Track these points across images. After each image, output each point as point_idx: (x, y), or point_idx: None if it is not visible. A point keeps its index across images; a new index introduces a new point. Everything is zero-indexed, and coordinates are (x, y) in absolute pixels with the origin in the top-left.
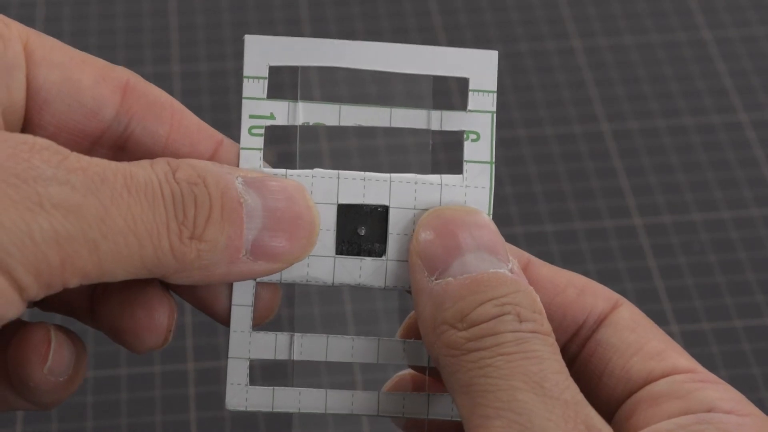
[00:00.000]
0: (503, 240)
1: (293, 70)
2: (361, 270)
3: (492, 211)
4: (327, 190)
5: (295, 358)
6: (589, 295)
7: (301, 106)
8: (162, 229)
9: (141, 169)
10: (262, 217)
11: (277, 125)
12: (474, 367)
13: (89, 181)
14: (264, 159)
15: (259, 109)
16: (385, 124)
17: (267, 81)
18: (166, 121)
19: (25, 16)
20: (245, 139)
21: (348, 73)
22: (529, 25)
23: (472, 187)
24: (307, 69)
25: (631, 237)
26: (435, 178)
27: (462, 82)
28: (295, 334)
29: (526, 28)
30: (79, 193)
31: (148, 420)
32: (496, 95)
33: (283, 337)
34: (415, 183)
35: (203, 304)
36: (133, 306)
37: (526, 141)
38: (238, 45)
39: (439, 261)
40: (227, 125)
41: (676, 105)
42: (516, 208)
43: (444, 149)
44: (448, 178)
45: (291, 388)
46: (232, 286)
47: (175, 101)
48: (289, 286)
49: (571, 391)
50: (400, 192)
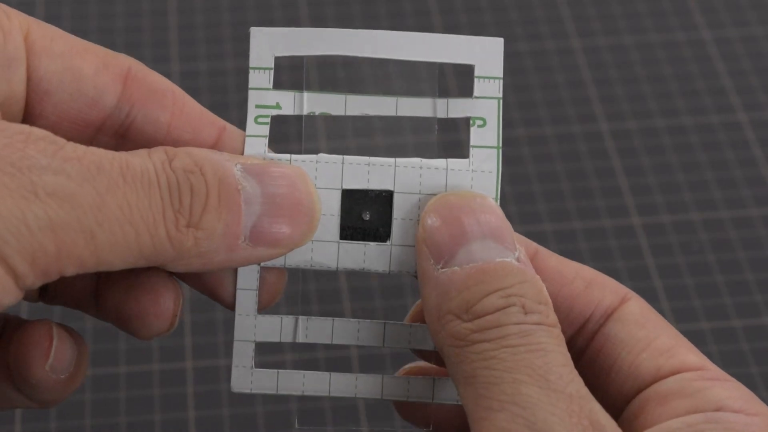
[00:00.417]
0: (510, 226)
1: (294, 63)
2: (365, 255)
3: (499, 196)
4: (331, 175)
5: (300, 341)
6: (597, 288)
7: (306, 96)
8: (158, 217)
9: (137, 158)
10: (261, 204)
11: (283, 115)
12: (478, 358)
13: (85, 170)
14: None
15: (265, 99)
16: (391, 113)
17: (273, 71)
18: (168, 107)
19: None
20: (251, 127)
21: (350, 62)
22: (528, 24)
23: (479, 172)
24: (310, 60)
25: (630, 236)
26: (441, 162)
27: (459, 66)
28: (300, 317)
29: (525, 28)
30: (75, 181)
31: (146, 418)
32: (502, 81)
33: (288, 320)
34: (420, 167)
35: (208, 289)
36: (138, 291)
37: (526, 140)
38: (237, 44)
39: (445, 249)
40: None
41: (676, 105)
42: (515, 207)
43: (446, 135)
44: (454, 162)
45: (295, 371)
46: (236, 270)
47: (177, 88)
48: (297, 270)
49: (576, 385)
50: (405, 176)
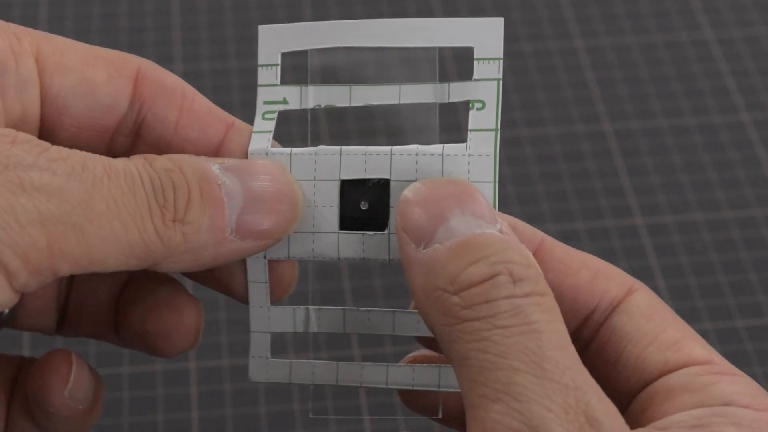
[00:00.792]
0: (490, 204)
1: (298, 58)
2: (364, 244)
3: (497, 179)
4: (330, 166)
5: (313, 331)
6: (603, 279)
7: (311, 89)
8: (144, 212)
9: (119, 161)
10: (242, 197)
11: (289, 109)
12: (471, 339)
13: (69, 168)
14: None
15: (272, 95)
16: (395, 101)
17: (279, 67)
18: (176, 105)
19: (28, 15)
20: (258, 123)
21: (351, 52)
22: (531, 25)
23: (476, 156)
24: (313, 53)
25: (633, 237)
26: (437, 148)
27: (458, 50)
28: (311, 308)
29: (528, 28)
30: (61, 178)
31: (149, 419)
32: (502, 62)
33: (300, 311)
34: (416, 155)
35: (222, 285)
36: (161, 309)
37: (529, 141)
38: (240, 44)
39: (425, 230)
40: None
41: (679, 105)
42: (518, 207)
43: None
44: (450, 147)
45: (306, 361)
46: (246, 264)
47: (187, 86)
48: (301, 271)
49: (572, 372)
50: (401, 164)
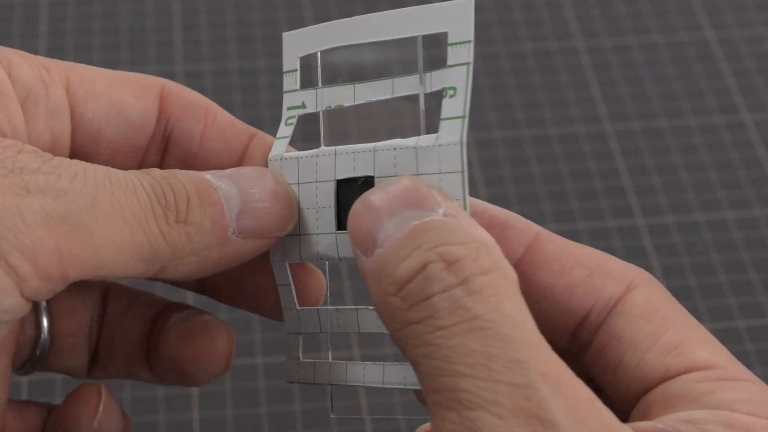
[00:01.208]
0: (432, 192)
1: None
2: None
3: (466, 168)
4: (327, 167)
5: (334, 331)
6: (599, 277)
7: (324, 91)
8: (148, 213)
9: (117, 170)
10: (239, 198)
11: (308, 113)
12: (417, 344)
13: (73, 173)
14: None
15: (294, 100)
16: (389, 95)
17: (298, 72)
18: (200, 119)
19: (29, 16)
20: (281, 129)
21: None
22: (532, 25)
23: (445, 146)
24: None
25: (634, 237)
26: (412, 141)
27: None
28: (330, 308)
29: (529, 28)
30: (65, 181)
31: (150, 419)
32: (473, 44)
33: (324, 312)
34: (395, 149)
35: (254, 304)
36: (193, 336)
37: (530, 141)
38: (241, 44)
39: (367, 238)
40: None
41: (680, 105)
42: (519, 208)
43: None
44: (424, 138)
45: (325, 361)
46: (273, 270)
47: (210, 102)
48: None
49: (522, 368)
50: (382, 160)
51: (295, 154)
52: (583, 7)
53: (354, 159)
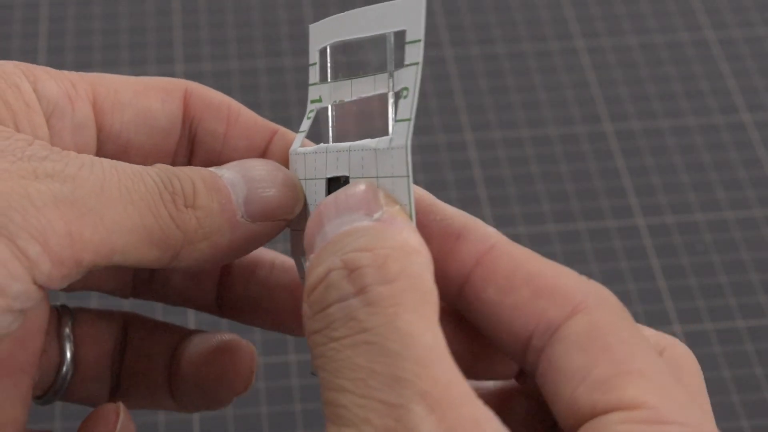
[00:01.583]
0: (378, 196)
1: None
2: None
3: (410, 173)
4: (321, 165)
5: None
6: (544, 298)
7: (332, 85)
8: (156, 198)
9: (124, 163)
10: (244, 184)
11: (323, 107)
12: (316, 355)
13: (80, 161)
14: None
15: (314, 93)
16: (371, 92)
17: (317, 66)
18: (223, 118)
19: (30, 16)
20: (303, 123)
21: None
22: (532, 25)
23: (396, 149)
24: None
25: (634, 237)
26: (373, 142)
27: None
28: None
29: (529, 29)
30: (73, 167)
31: (151, 419)
32: (422, 44)
33: None
34: (362, 150)
35: (273, 321)
36: (215, 354)
37: (530, 141)
38: (241, 45)
39: (309, 242)
40: None
41: (680, 105)
42: (519, 208)
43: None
44: (382, 141)
45: None
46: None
47: (232, 101)
48: None
49: (400, 386)
50: (354, 161)
51: (303, 150)
52: (583, 7)
53: (337, 158)
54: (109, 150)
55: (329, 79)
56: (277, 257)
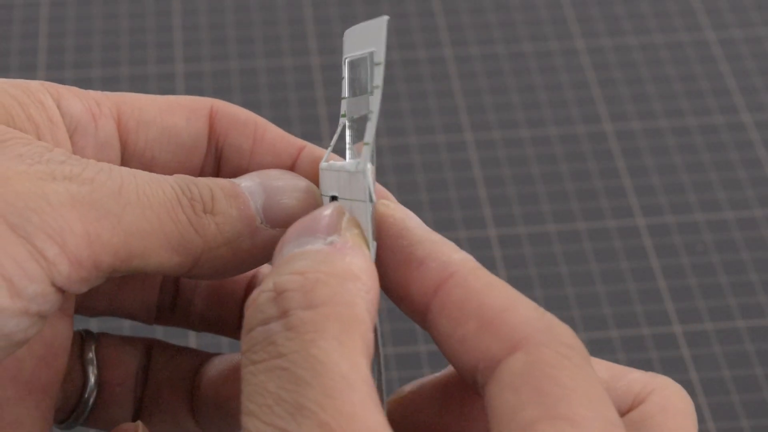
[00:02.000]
0: (342, 220)
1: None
2: None
3: (369, 198)
4: (327, 182)
5: None
6: (488, 333)
7: (350, 101)
8: (175, 204)
9: (142, 171)
10: (262, 191)
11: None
12: (240, 377)
13: (99, 168)
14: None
15: (342, 107)
16: (365, 112)
17: (346, 79)
18: (250, 135)
19: (30, 16)
20: (334, 139)
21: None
22: (532, 25)
23: (358, 173)
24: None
25: (634, 237)
26: (350, 164)
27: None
28: None
29: (529, 29)
30: (91, 171)
31: None
32: (383, 67)
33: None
34: (343, 171)
35: None
36: (235, 372)
37: (530, 141)
38: (241, 45)
39: (272, 262)
40: None
41: (680, 105)
42: (519, 208)
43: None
44: (353, 164)
45: None
46: None
47: (258, 117)
48: None
49: (301, 415)
50: (342, 181)
51: (324, 165)
52: (583, 7)
53: (338, 177)
54: (134, 168)
55: (347, 94)
56: None
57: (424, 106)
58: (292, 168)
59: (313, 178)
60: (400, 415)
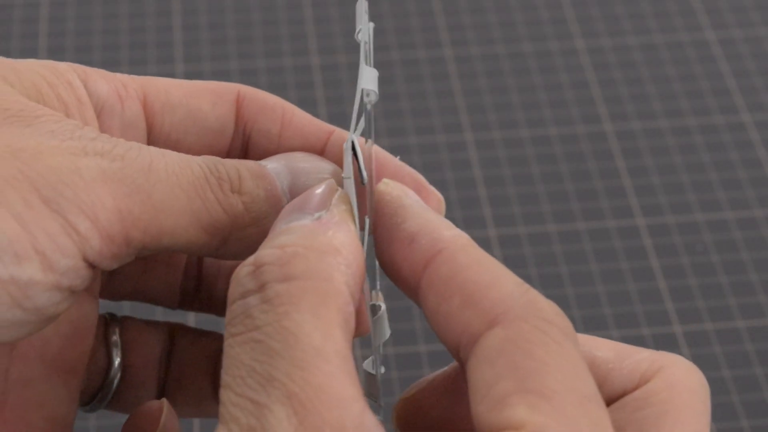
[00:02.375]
0: (334, 197)
1: None
2: None
3: (357, 174)
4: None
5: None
6: (469, 308)
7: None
8: (203, 183)
9: (171, 151)
10: (288, 172)
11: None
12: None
13: (129, 146)
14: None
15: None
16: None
17: (369, 44)
18: (277, 120)
19: (30, 16)
20: (353, 121)
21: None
22: (532, 25)
23: (347, 150)
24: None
25: (634, 237)
26: (349, 170)
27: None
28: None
29: (529, 29)
30: (122, 148)
31: None
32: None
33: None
34: (345, 150)
35: None
36: None
37: (530, 141)
38: (241, 45)
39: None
40: None
41: (680, 105)
42: (519, 208)
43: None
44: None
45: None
46: None
47: (285, 102)
48: None
49: (271, 386)
50: (346, 162)
51: (345, 146)
52: (583, 7)
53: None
54: None
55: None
56: None
57: (424, 106)
58: (322, 152)
59: (342, 162)
60: (412, 414)
